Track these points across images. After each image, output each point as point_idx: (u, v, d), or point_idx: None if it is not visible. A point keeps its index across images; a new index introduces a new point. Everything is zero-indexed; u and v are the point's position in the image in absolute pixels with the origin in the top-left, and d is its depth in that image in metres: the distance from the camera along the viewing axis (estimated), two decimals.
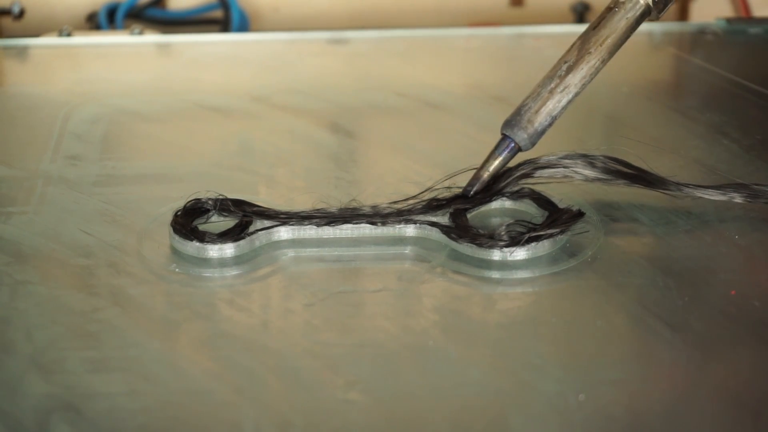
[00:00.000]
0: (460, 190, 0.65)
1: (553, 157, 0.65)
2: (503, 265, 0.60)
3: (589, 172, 0.65)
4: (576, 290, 0.59)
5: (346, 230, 0.63)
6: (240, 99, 0.89)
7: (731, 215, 0.65)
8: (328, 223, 0.62)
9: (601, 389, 0.50)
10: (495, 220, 0.64)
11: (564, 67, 0.64)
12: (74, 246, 0.62)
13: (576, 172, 0.65)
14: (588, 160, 0.65)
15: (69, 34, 1.09)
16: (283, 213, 0.63)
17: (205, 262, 0.61)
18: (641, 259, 0.61)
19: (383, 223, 0.63)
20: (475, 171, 0.64)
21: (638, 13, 0.65)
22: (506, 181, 0.65)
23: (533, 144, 0.64)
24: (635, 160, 0.66)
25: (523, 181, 0.65)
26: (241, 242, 0.61)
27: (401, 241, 0.63)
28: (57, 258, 0.61)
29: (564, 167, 0.65)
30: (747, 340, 0.54)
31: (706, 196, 0.65)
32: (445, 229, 0.62)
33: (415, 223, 0.63)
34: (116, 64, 1.01)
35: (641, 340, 0.54)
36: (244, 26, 1.25)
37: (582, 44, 0.65)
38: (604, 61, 0.65)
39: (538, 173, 0.65)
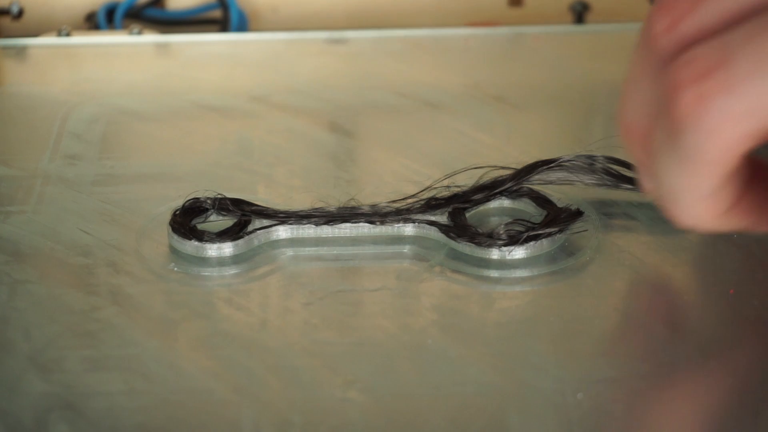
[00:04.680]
0: (459, 189, 0.65)
1: (556, 162, 0.64)
2: (502, 264, 0.60)
3: (595, 178, 0.64)
4: (574, 289, 0.59)
5: (345, 229, 0.63)
6: (239, 98, 0.88)
7: None
8: (326, 222, 0.62)
9: (600, 388, 0.50)
10: (494, 220, 0.64)
11: None
12: (73, 245, 0.62)
13: (581, 178, 0.64)
14: (591, 165, 0.64)
15: (68, 34, 1.08)
16: (281, 212, 0.63)
17: (204, 261, 0.61)
18: (640, 258, 0.61)
19: (382, 222, 0.63)
20: (471, 169, 0.64)
21: None
22: (508, 184, 0.65)
23: None
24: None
25: (527, 183, 0.65)
26: (240, 241, 0.61)
27: (400, 240, 0.63)
28: (55, 257, 0.61)
29: (569, 172, 0.64)
30: (746, 340, 0.54)
31: None
32: (443, 228, 0.62)
33: (413, 222, 0.63)
34: (115, 63, 1.00)
35: (640, 339, 0.54)
36: (242, 26, 1.25)
37: None
38: None
39: (543, 177, 0.64)
